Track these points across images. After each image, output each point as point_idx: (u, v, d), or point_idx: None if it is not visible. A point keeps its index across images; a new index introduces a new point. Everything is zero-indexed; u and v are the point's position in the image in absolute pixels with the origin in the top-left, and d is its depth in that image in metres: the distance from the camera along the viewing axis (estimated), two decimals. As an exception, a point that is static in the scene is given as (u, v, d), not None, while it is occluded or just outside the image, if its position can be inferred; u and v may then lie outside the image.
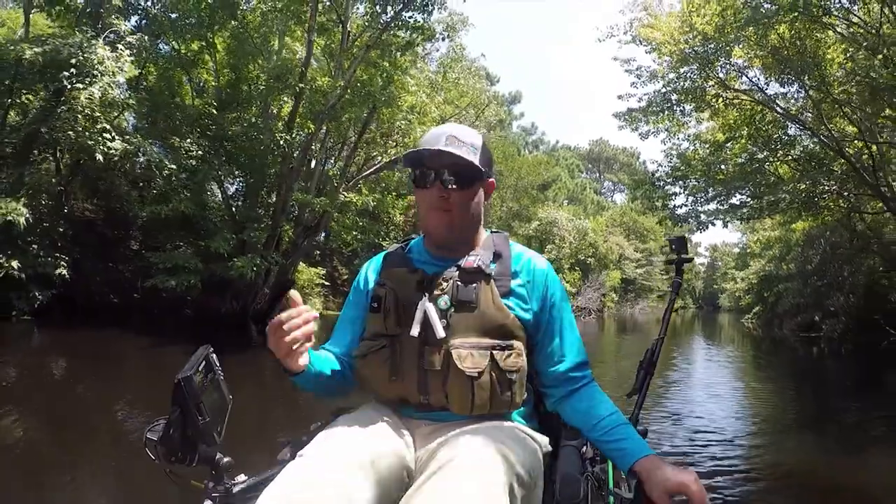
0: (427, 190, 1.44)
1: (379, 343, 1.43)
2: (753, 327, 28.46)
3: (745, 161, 13.78)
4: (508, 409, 1.40)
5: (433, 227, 1.46)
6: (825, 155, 12.91)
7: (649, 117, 14.34)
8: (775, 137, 13.31)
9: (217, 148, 13.69)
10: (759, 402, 8.23)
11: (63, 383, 7.35)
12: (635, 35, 13.29)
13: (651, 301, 58.74)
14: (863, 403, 8.12)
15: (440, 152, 1.39)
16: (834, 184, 13.38)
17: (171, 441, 1.21)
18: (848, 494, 4.17)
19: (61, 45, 10.45)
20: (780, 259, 25.96)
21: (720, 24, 11.61)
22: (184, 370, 1.22)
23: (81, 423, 5.15)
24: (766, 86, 13.08)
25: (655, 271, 59.04)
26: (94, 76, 10.46)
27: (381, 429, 1.32)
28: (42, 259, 11.05)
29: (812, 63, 11.44)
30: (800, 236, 22.01)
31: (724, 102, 13.28)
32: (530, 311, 1.46)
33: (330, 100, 12.84)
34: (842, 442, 5.76)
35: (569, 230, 38.91)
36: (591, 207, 60.17)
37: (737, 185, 14.13)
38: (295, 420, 5.19)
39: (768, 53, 11.79)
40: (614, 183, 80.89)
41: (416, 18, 13.26)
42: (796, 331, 21.25)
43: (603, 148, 79.85)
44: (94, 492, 3.58)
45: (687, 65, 12.84)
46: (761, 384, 10.31)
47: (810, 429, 6.44)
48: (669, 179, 15.03)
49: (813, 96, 12.11)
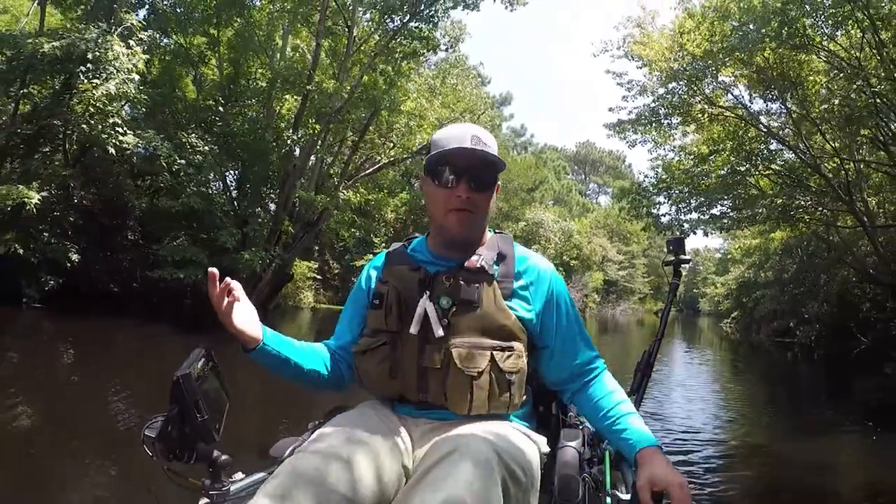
0: (449, 189, 1.43)
1: (379, 340, 1.44)
2: (732, 331, 28.97)
3: (727, 173, 14.34)
4: (507, 410, 1.40)
5: (454, 228, 1.44)
6: (803, 171, 13.58)
7: (637, 128, 14.91)
8: (756, 152, 13.93)
9: (222, 144, 14.05)
10: (733, 402, 8.63)
11: (69, 372, 7.41)
12: (628, 51, 13.86)
13: (632, 303, 59.64)
14: (831, 408, 8.52)
15: (472, 151, 1.39)
16: (809, 199, 14.06)
17: (169, 438, 1.22)
18: (812, 488, 4.46)
19: (78, 40, 10.80)
20: (759, 266, 26.56)
21: (708, 49, 12.21)
22: (182, 367, 1.22)
23: (80, 416, 5.12)
24: (750, 103, 13.77)
25: (637, 274, 59.97)
26: (110, 72, 10.79)
27: (378, 426, 1.33)
28: (52, 245, 11.38)
29: (794, 83, 12.12)
30: (778, 245, 22.54)
31: (709, 117, 13.87)
32: (533, 312, 1.46)
33: (335, 101, 13.28)
34: (809, 442, 6.04)
35: (554, 231, 39.62)
36: (577, 209, 60.69)
37: (718, 196, 14.75)
38: (293, 418, 5.12)
39: (753, 73, 12.43)
40: (599, 185, 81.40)
41: (421, 29, 13.72)
42: (772, 336, 21.70)
43: (589, 150, 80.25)
44: (89, 488, 3.53)
45: (675, 81, 13.45)
46: (736, 385, 10.78)
47: (780, 429, 6.77)
48: (654, 190, 15.63)
49: (794, 115, 12.80)
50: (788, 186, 13.85)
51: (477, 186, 1.42)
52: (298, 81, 13.39)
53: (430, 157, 1.45)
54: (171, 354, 8.45)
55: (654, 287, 66.74)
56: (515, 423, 1.41)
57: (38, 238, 11.25)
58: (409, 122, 15.57)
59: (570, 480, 1.30)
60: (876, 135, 12.13)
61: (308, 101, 13.71)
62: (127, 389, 6.08)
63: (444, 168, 1.42)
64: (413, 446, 1.35)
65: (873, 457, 5.54)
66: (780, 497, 4.38)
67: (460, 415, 1.36)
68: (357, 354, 1.49)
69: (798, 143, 13.15)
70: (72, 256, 11.59)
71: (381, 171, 18.34)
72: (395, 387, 1.43)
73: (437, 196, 1.45)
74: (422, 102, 15.91)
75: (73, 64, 11.33)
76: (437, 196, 1.45)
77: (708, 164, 14.68)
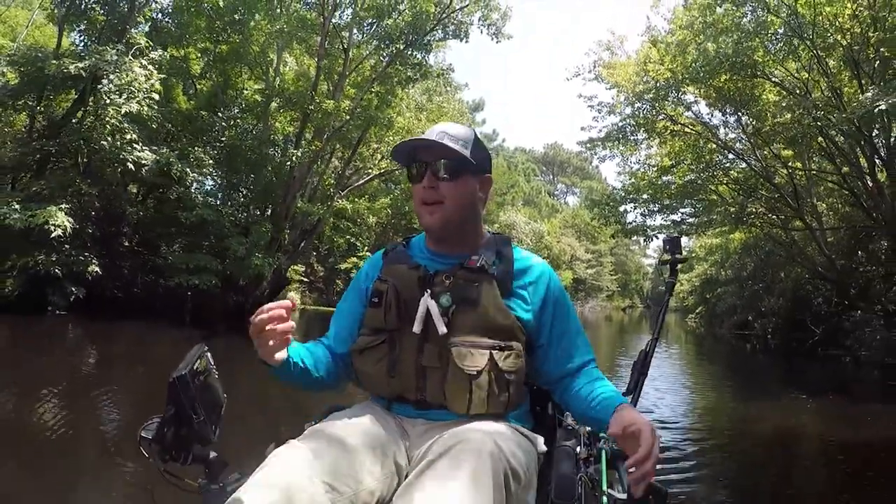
0: (419, 184, 1.45)
1: (378, 338, 1.44)
2: (697, 326, 29.99)
3: (687, 182, 15.83)
4: (505, 410, 1.39)
5: (426, 220, 1.46)
6: (756, 181, 15.05)
7: (607, 144, 16.47)
8: (715, 163, 15.46)
9: (224, 157, 14.92)
10: (698, 387, 9.41)
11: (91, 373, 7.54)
12: (598, 74, 15.31)
13: (601, 300, 61.33)
14: (785, 388, 9.33)
15: (430, 143, 1.41)
16: (761, 206, 15.54)
17: (165, 440, 1.22)
18: (772, 452, 5.19)
19: (100, 62, 11.60)
20: (720, 265, 27.71)
21: (669, 77, 13.65)
22: (178, 369, 1.24)
23: (81, 415, 5.10)
24: (709, 118, 15.32)
25: (605, 271, 61.60)
26: (131, 93, 11.59)
27: (373, 425, 1.33)
28: (75, 258, 12.05)
29: (748, 101, 13.64)
30: (738, 245, 23.65)
31: (671, 133, 15.34)
32: (531, 312, 1.46)
33: (333, 120, 14.33)
34: (765, 414, 6.81)
35: (526, 233, 40.88)
36: (546, 210, 61.70)
37: (678, 203, 16.36)
38: (289, 418, 5.11)
39: (712, 92, 13.78)
40: (567, 185, 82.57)
41: (416, 56, 14.89)
42: (733, 329, 22.67)
43: (557, 152, 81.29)
44: (85, 490, 3.52)
45: (640, 101, 14.92)
46: (702, 373, 11.81)
47: (740, 406, 7.55)
48: (621, 201, 17.11)
49: (748, 129, 14.28)
50: (742, 195, 15.34)
51: (445, 176, 1.43)
52: (302, 102, 14.33)
53: (395, 157, 1.52)
54: (173, 356, 8.69)
55: (622, 284, 68.78)
56: (513, 423, 1.40)
57: (60, 251, 11.90)
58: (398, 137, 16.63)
59: (566, 480, 1.31)
60: (824, 146, 13.43)
61: (309, 119, 14.69)
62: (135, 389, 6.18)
63: (413, 165, 1.48)
64: (409, 445, 1.36)
65: (820, 423, 6.54)
66: (747, 462, 4.95)
67: (459, 414, 1.36)
68: (355, 353, 1.48)
69: (752, 154, 14.65)
70: (92, 268, 12.25)
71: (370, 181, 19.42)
72: (393, 385, 1.42)
73: (415, 193, 1.49)
74: (409, 118, 17.06)
75: (85, 82, 12.09)
76: (415, 193, 1.49)
77: (670, 175, 16.20)
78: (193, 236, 14.83)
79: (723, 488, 4.20)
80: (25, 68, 12.33)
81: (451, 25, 14.77)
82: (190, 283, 12.97)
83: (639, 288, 75.66)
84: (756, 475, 4.54)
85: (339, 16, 15.61)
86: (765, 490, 4.15)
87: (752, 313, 21.37)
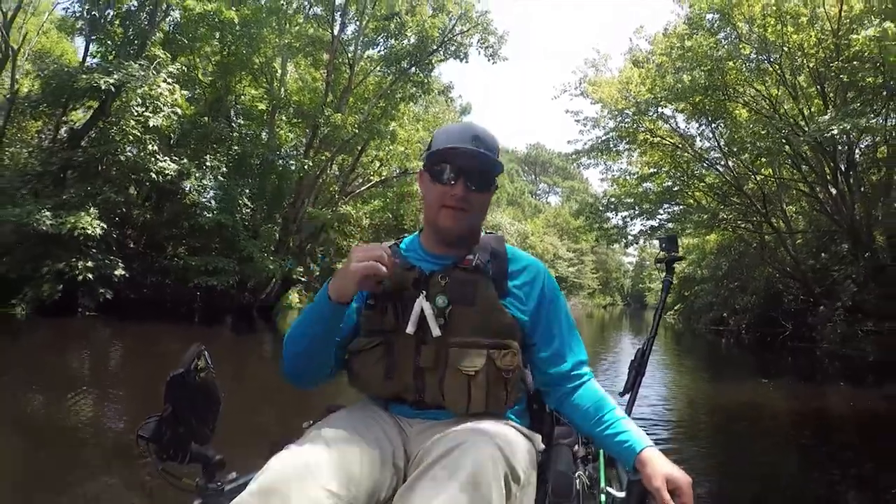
0: (447, 187, 1.40)
1: (374, 340, 1.41)
2: (675, 322, 30.39)
3: (666, 189, 17.21)
4: (503, 409, 1.39)
5: (448, 225, 1.42)
6: (728, 189, 16.41)
7: (591, 156, 17.89)
8: (691, 171, 16.84)
9: (236, 166, 15.85)
10: (679, 378, 10.04)
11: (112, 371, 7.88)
12: (584, 90, 16.55)
13: (582, 297, 62.41)
14: (758, 376, 10.11)
15: (471, 152, 1.37)
16: (732, 212, 16.88)
17: (163, 439, 1.22)
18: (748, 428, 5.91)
19: (128, 77, 12.46)
20: (697, 264, 28.63)
21: (649, 96, 14.92)
22: (176, 368, 1.23)
23: (81, 415, 5.16)
24: (686, 129, 16.66)
25: (587, 270, 62.74)
26: (157, 107, 12.45)
27: (371, 426, 1.32)
28: (102, 261, 12.85)
29: (722, 115, 14.96)
30: (713, 246, 24.96)
31: (650, 144, 16.65)
32: (527, 311, 1.45)
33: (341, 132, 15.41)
34: (740, 398, 7.60)
35: (511, 233, 41.87)
36: (529, 210, 62.68)
37: (657, 209, 17.65)
38: (287, 418, 5.03)
39: (689, 106, 15.03)
40: (549, 185, 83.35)
41: (419, 74, 16.11)
42: (709, 325, 23.24)
43: (539, 152, 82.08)
44: (83, 489, 3.51)
45: (622, 116, 16.22)
46: (681, 366, 12.36)
47: (718, 393, 8.34)
48: (603, 209, 18.45)
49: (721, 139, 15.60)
50: (715, 202, 16.73)
51: (474, 187, 1.40)
52: (311, 114, 15.34)
53: (430, 155, 1.43)
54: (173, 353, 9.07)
55: (603, 282, 70.09)
56: (511, 422, 1.39)
57: (89, 255, 12.67)
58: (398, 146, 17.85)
59: (564, 478, 1.31)
60: (792, 155, 14.38)
61: (318, 131, 15.70)
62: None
63: (444, 167, 1.41)
64: (407, 446, 1.34)
65: (783, 402, 7.52)
66: (729, 437, 5.65)
67: (457, 414, 1.35)
68: (351, 355, 1.45)
69: (726, 162, 16.00)
70: (119, 272, 13.06)
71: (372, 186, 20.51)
72: (390, 387, 1.40)
73: (434, 192, 1.43)
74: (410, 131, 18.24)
75: (108, 95, 12.90)
76: (434, 192, 1.43)
77: (650, 182, 17.63)
78: (205, 239, 15.72)
79: (701, 460, 4.77)
80: (53, 81, 13.11)
81: (451, 46, 16.00)
82: (208, 283, 13.83)
83: (619, 286, 76.95)
84: (730, 447, 5.33)
85: (346, 32, 16.84)
86: (738, 458, 4.93)
87: (727, 310, 22.24)
